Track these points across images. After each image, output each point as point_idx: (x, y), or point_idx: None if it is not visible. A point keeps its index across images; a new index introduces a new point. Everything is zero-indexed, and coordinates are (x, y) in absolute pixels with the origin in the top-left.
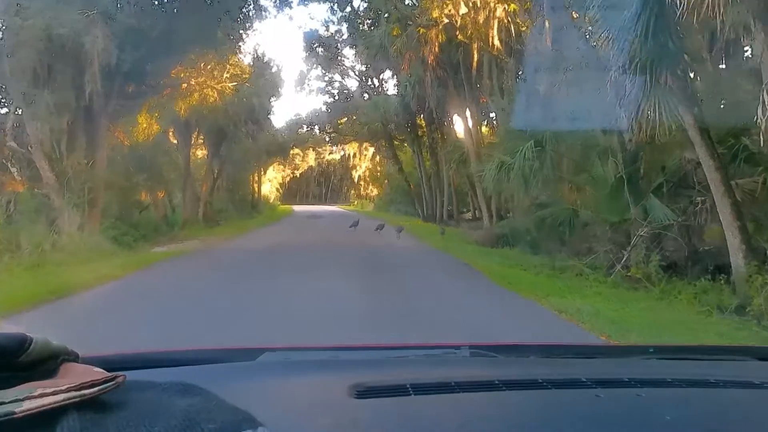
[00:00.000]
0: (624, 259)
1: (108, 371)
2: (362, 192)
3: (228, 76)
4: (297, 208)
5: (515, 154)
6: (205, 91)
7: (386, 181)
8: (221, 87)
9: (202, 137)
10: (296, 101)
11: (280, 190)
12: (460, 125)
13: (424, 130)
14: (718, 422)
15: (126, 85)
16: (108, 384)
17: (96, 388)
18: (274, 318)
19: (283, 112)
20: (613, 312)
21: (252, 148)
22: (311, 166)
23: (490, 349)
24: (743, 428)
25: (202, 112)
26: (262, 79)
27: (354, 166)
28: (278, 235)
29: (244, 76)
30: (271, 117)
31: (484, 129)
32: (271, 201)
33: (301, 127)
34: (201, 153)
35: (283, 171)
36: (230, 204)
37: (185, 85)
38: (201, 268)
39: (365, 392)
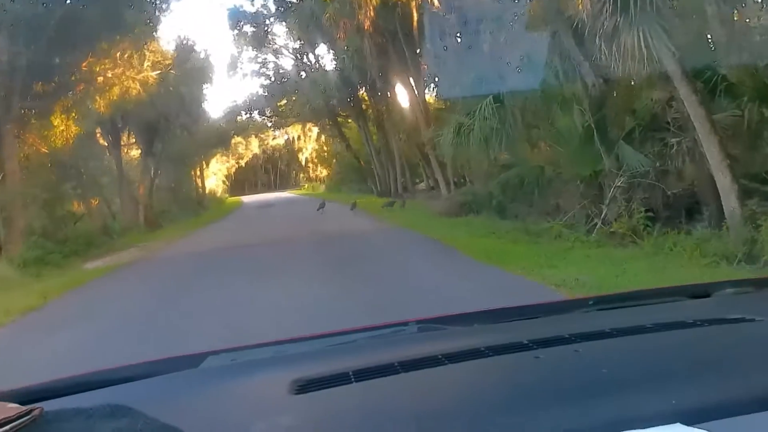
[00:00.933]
0: (603, 214)
1: (31, 402)
2: (311, 174)
3: (149, 64)
4: (246, 198)
5: (473, 114)
6: (125, 83)
7: (334, 160)
8: (143, 77)
9: (133, 135)
10: (231, 87)
11: (227, 183)
12: (405, 95)
13: (368, 103)
14: (653, 366)
15: (30, 84)
16: (23, 419)
17: (8, 426)
18: (224, 340)
19: (219, 100)
20: (615, 278)
21: (189, 142)
22: (256, 153)
23: (437, 321)
24: (676, 368)
25: (127, 108)
26: (189, 66)
27: (300, 149)
28: (226, 232)
29: (167, 62)
30: (205, 106)
31: (430, 98)
32: (219, 195)
33: (240, 114)
34: (137, 153)
35: (228, 162)
36: (173, 204)
37: (101, 78)
38: (136, 284)
39: (305, 386)
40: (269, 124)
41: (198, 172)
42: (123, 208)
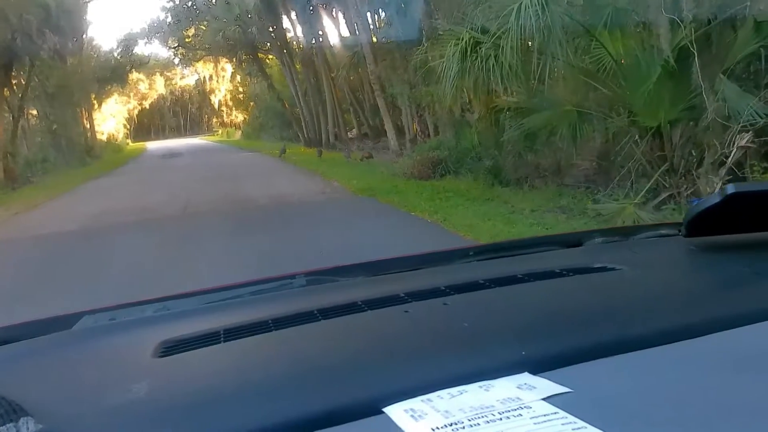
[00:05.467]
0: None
1: None
2: (226, 119)
3: None
4: (152, 145)
5: (501, 24)
6: None
7: (252, 103)
8: None
9: None
10: (126, 10)
11: (129, 127)
12: (343, 24)
13: (294, 35)
14: (511, 318)
15: None
16: None
17: None
18: None
19: (110, 28)
20: None
21: (72, 75)
22: (162, 94)
23: (325, 273)
24: (532, 318)
25: None
26: None
27: (212, 91)
28: (116, 190)
29: None
30: (90, 30)
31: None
32: (119, 140)
33: (137, 43)
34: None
35: (129, 102)
36: (53, 151)
37: None
38: None
39: (171, 348)
40: (176, 61)
41: (87, 114)
42: None
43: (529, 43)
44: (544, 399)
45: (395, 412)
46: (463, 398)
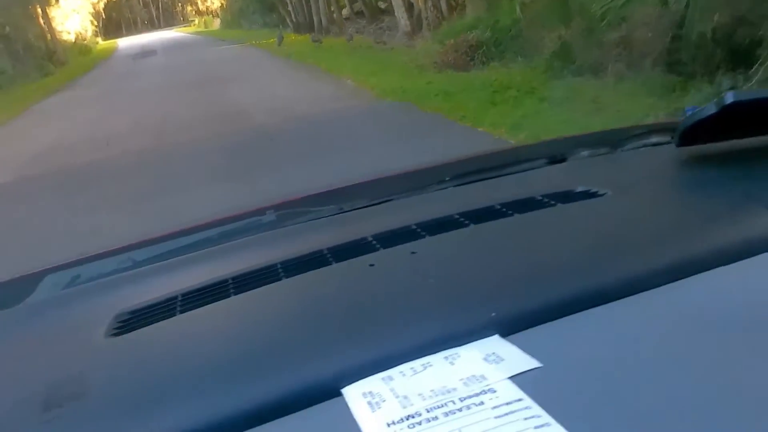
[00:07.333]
0: None
1: None
2: (201, 7)
3: None
4: (124, 42)
5: None
6: None
7: None
8: None
9: None
10: None
11: (97, 23)
12: None
13: None
14: (488, 267)
15: None
16: None
17: None
18: None
19: None
20: None
21: None
22: None
23: (299, 205)
24: (503, 270)
25: None
26: None
27: None
28: (73, 111)
29: None
30: None
31: None
32: (87, 40)
33: None
34: None
35: None
36: (9, 61)
37: None
38: None
39: (125, 323)
40: None
41: (43, 11)
42: None
43: None
44: (510, 378)
45: (353, 395)
46: (425, 375)
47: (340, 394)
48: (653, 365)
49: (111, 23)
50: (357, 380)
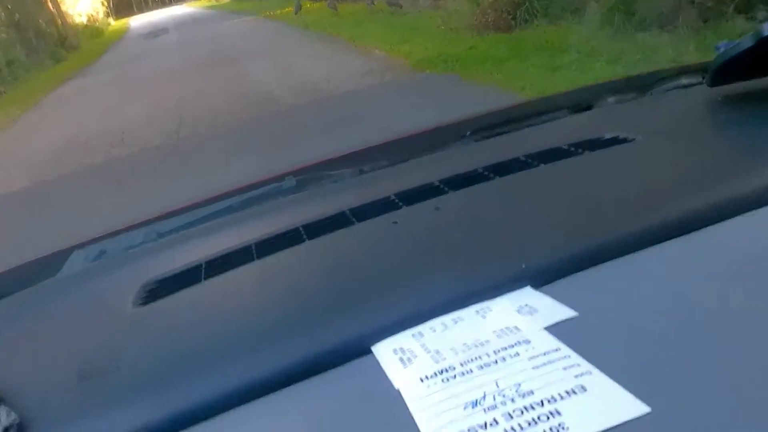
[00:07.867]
0: None
1: None
2: None
3: None
4: (135, 22)
5: None
6: None
7: None
8: None
9: None
10: None
11: (107, 3)
12: None
13: None
14: (516, 218)
15: None
16: None
17: None
18: None
19: None
20: None
21: None
22: None
23: (318, 169)
24: (531, 221)
25: None
26: None
27: None
28: (87, 100)
29: None
30: None
31: None
32: (99, 21)
33: None
34: None
35: None
36: (23, 49)
37: None
38: None
39: (152, 293)
40: None
41: None
42: None
43: None
44: (546, 328)
45: (383, 351)
46: (456, 330)
47: (370, 352)
48: (687, 310)
49: (122, 2)
50: (387, 337)
